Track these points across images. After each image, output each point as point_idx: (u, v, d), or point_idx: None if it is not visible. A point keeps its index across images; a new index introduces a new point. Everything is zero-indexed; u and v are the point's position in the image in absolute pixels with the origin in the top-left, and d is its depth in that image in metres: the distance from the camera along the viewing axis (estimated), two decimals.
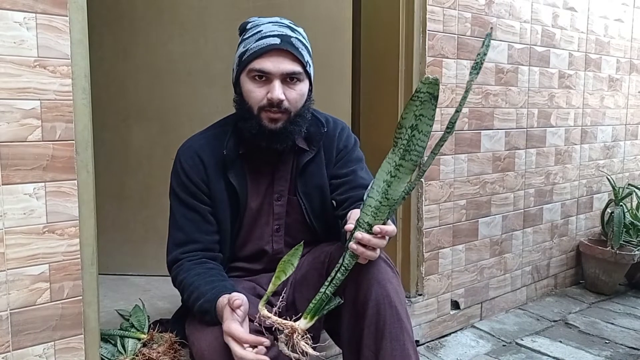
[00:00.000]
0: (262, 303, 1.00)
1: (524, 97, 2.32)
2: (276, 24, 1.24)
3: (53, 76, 1.15)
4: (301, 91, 1.25)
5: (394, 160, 0.97)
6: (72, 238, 1.20)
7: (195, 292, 1.18)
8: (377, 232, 1.01)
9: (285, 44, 1.20)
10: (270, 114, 1.23)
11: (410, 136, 0.94)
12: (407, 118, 0.93)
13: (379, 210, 1.00)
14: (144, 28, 2.16)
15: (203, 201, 1.30)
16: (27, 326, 1.16)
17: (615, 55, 2.76)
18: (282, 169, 1.35)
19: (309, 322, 1.01)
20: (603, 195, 2.84)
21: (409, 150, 0.95)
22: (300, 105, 1.26)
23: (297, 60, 1.22)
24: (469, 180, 2.13)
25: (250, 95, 1.24)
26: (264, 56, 1.20)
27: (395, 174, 0.97)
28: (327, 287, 1.03)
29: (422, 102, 0.91)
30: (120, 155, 2.22)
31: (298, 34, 1.25)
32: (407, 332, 1.16)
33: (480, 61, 0.91)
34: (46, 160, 1.16)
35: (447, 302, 2.11)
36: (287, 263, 1.01)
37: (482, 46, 0.92)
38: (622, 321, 2.30)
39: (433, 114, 0.92)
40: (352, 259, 1.04)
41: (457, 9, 2.00)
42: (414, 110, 0.92)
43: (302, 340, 0.98)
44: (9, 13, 1.09)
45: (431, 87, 0.90)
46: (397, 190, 0.98)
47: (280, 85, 1.21)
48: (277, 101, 1.20)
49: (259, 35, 1.22)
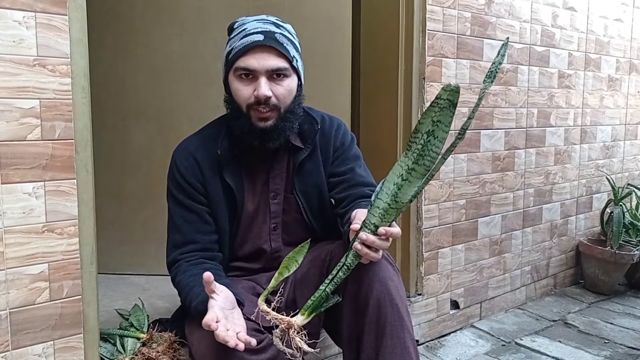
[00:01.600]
0: (262, 298, 1.01)
1: (523, 97, 2.32)
2: (261, 21, 1.24)
3: (52, 75, 1.15)
4: (289, 86, 1.25)
5: (406, 163, 0.97)
6: (72, 237, 1.20)
7: (190, 293, 1.18)
8: (381, 234, 1.01)
9: (268, 40, 1.20)
10: (259, 112, 1.23)
11: (426, 141, 0.94)
12: (424, 123, 0.93)
13: (387, 212, 1.00)
14: (143, 27, 2.15)
15: (200, 201, 1.30)
16: (27, 325, 1.16)
17: (614, 55, 2.77)
18: (277, 167, 1.35)
19: (306, 318, 1.02)
20: (602, 195, 2.84)
21: (423, 155, 0.95)
22: (289, 101, 1.26)
23: (282, 56, 1.22)
24: (468, 180, 2.13)
25: (238, 94, 1.24)
26: (248, 54, 1.20)
27: (407, 177, 0.97)
28: (328, 285, 1.03)
29: (441, 108, 0.91)
30: (119, 155, 2.22)
31: (283, 30, 1.25)
32: (407, 330, 1.16)
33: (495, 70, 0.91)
34: (45, 160, 1.16)
35: (447, 302, 2.11)
36: (291, 259, 1.02)
37: (497, 55, 0.92)
38: (621, 321, 2.30)
39: (450, 121, 0.92)
40: (355, 258, 1.04)
41: (457, 8, 2.00)
42: (432, 116, 0.92)
43: (298, 336, 0.98)
44: (8, 12, 1.09)
45: (452, 94, 0.90)
46: (407, 193, 0.98)
47: (266, 82, 1.21)
48: (263, 98, 1.20)
49: (243, 34, 1.22)
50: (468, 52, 2.05)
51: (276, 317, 0.99)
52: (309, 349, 0.98)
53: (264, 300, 1.01)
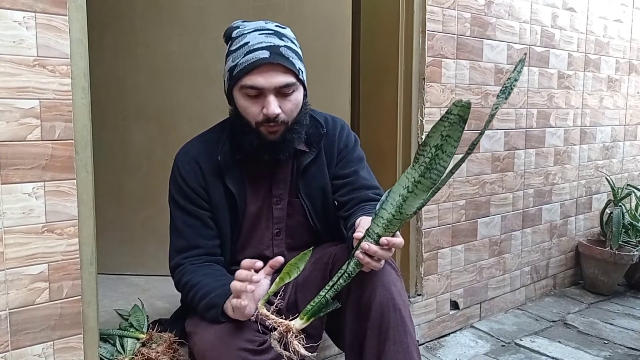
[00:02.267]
0: (262, 302, 1.01)
1: (523, 98, 2.32)
2: (263, 33, 1.21)
3: (52, 75, 1.15)
4: (296, 100, 1.24)
5: (413, 176, 0.96)
6: (71, 237, 1.20)
7: (203, 289, 1.18)
8: (383, 244, 1.01)
9: (275, 57, 1.17)
10: (268, 127, 1.22)
11: (434, 155, 0.93)
12: (433, 137, 0.93)
13: (391, 223, 1.00)
14: (143, 28, 2.15)
15: (202, 206, 1.30)
16: (26, 326, 1.16)
17: (614, 56, 2.77)
18: (280, 172, 1.35)
19: (305, 322, 1.01)
20: (602, 195, 2.84)
21: (430, 169, 0.94)
22: (296, 113, 1.25)
23: (289, 71, 1.20)
24: (468, 181, 2.13)
25: (246, 112, 1.23)
26: (255, 72, 1.18)
27: (413, 189, 0.97)
28: (328, 292, 1.03)
29: (451, 123, 0.90)
30: (119, 155, 2.22)
31: (286, 40, 1.22)
32: (410, 335, 1.16)
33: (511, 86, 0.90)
34: (45, 160, 1.16)
35: (446, 302, 2.11)
36: (293, 266, 1.02)
37: (513, 71, 0.91)
38: (621, 321, 2.30)
39: (459, 136, 0.91)
40: (357, 267, 1.04)
41: (457, 9, 2.00)
42: (442, 130, 0.91)
43: (295, 340, 0.98)
44: (8, 12, 1.09)
45: (462, 110, 0.89)
46: (412, 206, 0.98)
47: (274, 100, 1.19)
48: (273, 116, 1.19)
49: (247, 49, 1.19)
50: (468, 52, 2.05)
51: (275, 320, 0.99)
52: (306, 352, 0.98)
53: (264, 303, 1.00)
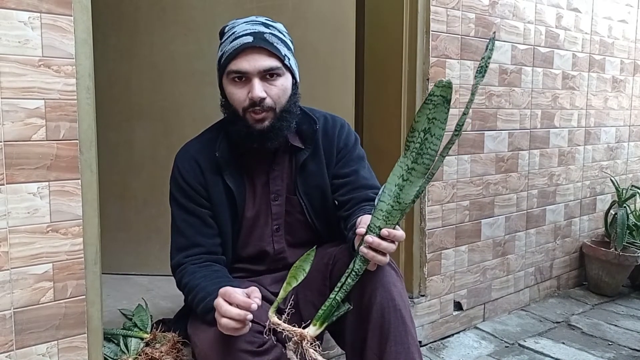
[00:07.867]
0: (272, 310, 1.00)
1: (527, 98, 2.31)
2: (249, 23, 1.24)
3: (57, 76, 1.15)
4: (282, 86, 1.24)
5: (406, 164, 0.97)
6: (76, 237, 1.21)
7: (201, 292, 1.18)
8: (385, 236, 1.00)
9: (258, 41, 1.19)
10: (254, 114, 1.22)
11: (423, 139, 0.94)
12: (420, 121, 0.93)
13: (391, 214, 1.00)
14: (147, 28, 2.16)
15: (202, 205, 1.31)
16: (31, 325, 1.17)
17: (619, 57, 2.76)
18: (277, 168, 1.35)
19: (319, 328, 1.01)
20: (606, 196, 2.83)
21: (422, 154, 0.95)
22: (284, 100, 1.25)
23: (273, 55, 1.21)
24: (472, 181, 2.13)
25: (232, 98, 1.24)
26: (239, 56, 1.20)
27: (408, 177, 0.97)
28: (337, 293, 1.02)
29: (435, 105, 0.91)
30: (123, 155, 2.23)
31: (273, 29, 1.24)
32: (411, 336, 1.16)
33: (485, 65, 0.91)
34: (50, 160, 1.16)
35: (450, 303, 2.11)
36: (298, 269, 1.01)
37: (485, 50, 0.92)
38: (625, 323, 2.29)
39: (446, 117, 0.92)
40: (363, 263, 1.04)
41: (461, 9, 2.00)
42: (427, 113, 0.92)
43: (311, 348, 0.97)
44: (13, 12, 1.09)
45: (444, 90, 0.90)
46: (409, 194, 0.98)
47: (259, 83, 1.20)
48: (258, 99, 1.20)
49: (233, 37, 1.22)
50: (472, 53, 2.05)
51: (288, 329, 0.98)
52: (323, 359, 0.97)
53: (274, 311, 0.99)
